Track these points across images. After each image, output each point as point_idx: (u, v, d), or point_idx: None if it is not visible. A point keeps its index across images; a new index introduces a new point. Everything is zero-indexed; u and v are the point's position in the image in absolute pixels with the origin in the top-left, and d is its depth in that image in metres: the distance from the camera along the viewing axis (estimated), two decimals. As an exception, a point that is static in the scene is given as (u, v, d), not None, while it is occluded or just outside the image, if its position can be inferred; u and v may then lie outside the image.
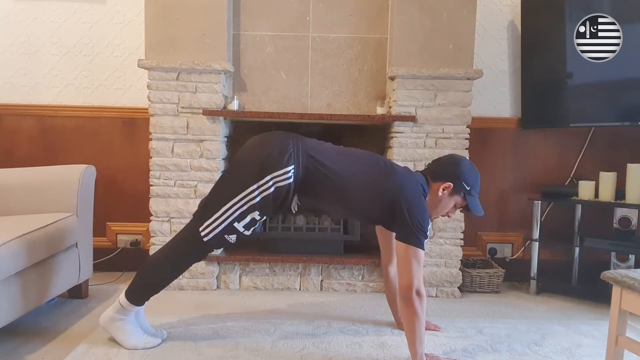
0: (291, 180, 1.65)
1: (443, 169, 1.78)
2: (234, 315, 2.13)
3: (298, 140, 1.71)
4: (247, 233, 1.71)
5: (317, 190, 1.71)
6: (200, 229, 1.68)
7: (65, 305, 2.22)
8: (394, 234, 1.74)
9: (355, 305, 2.33)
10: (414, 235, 1.63)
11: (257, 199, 1.65)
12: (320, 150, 1.72)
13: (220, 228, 1.67)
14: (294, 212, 1.81)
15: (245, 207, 1.66)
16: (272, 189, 1.64)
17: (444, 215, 1.83)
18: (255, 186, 1.64)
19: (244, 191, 1.65)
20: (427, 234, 1.67)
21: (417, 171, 1.84)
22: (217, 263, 2.50)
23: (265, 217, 1.73)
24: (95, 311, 2.14)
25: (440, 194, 1.75)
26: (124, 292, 1.77)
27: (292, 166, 1.65)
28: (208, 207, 1.69)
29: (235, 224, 1.67)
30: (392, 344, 1.87)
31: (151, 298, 1.80)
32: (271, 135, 1.75)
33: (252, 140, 1.77)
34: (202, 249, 1.74)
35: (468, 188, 1.74)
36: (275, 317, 2.12)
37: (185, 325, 2.00)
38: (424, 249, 1.65)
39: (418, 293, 1.62)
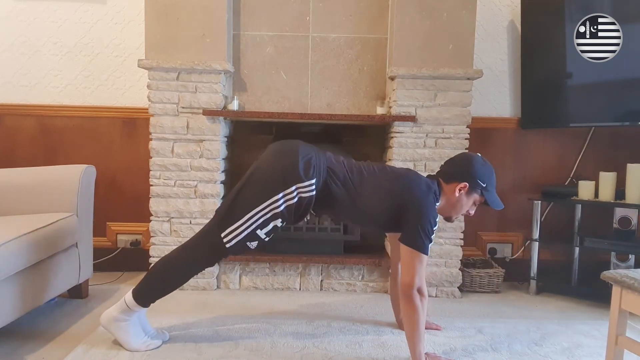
0: (313, 192, 1.68)
1: (456, 169, 1.79)
2: (234, 315, 2.13)
3: (319, 153, 1.75)
4: (267, 239, 1.72)
5: (332, 202, 1.74)
6: (223, 234, 1.67)
7: (65, 305, 2.22)
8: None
9: (355, 305, 2.33)
10: (419, 238, 1.64)
11: (282, 207, 1.66)
12: (336, 164, 1.76)
13: (243, 235, 1.67)
14: (305, 221, 1.82)
15: (269, 215, 1.67)
16: (295, 199, 1.67)
17: (464, 214, 1.84)
18: (281, 195, 1.65)
19: (269, 199, 1.66)
20: (432, 238, 1.67)
21: (428, 175, 1.85)
22: (217, 263, 2.50)
23: (285, 224, 1.74)
24: (95, 311, 2.14)
25: (457, 194, 1.76)
26: (130, 292, 1.75)
27: (315, 179, 1.68)
28: (231, 213, 1.68)
29: (258, 231, 1.68)
30: (392, 344, 1.87)
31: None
32: (294, 144, 1.75)
33: (275, 148, 1.76)
34: (221, 254, 1.74)
35: (484, 185, 1.75)
36: (275, 317, 2.12)
37: (186, 325, 2.00)
38: (427, 254, 1.65)
39: (419, 291, 1.63)
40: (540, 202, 2.63)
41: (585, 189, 2.50)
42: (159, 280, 1.77)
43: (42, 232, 1.88)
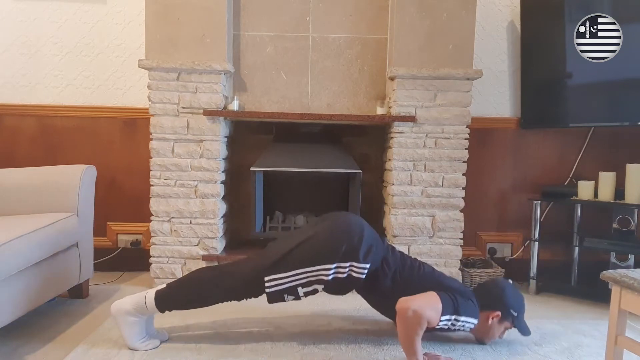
0: (364, 276, 1.72)
1: (490, 299, 1.84)
2: (234, 315, 2.13)
3: (381, 242, 1.83)
4: (303, 299, 1.75)
5: (374, 290, 1.80)
6: (267, 278, 1.70)
7: (65, 305, 2.22)
8: None
9: (355, 305, 2.33)
10: (448, 298, 1.69)
11: (330, 276, 1.70)
12: (392, 257, 1.82)
13: (285, 286, 1.70)
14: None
15: (315, 278, 1.70)
16: (345, 274, 1.70)
17: (493, 339, 1.90)
18: (335, 265, 1.69)
19: (322, 264, 1.69)
20: (454, 315, 1.69)
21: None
22: (217, 263, 2.50)
23: (323, 291, 1.77)
24: (96, 311, 2.15)
25: (490, 322, 1.82)
26: (153, 292, 1.74)
27: (370, 265, 1.72)
28: (283, 261, 1.70)
29: (299, 289, 1.71)
30: (392, 343, 1.87)
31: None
32: (365, 224, 1.80)
33: (347, 219, 1.79)
34: (255, 294, 1.76)
35: (515, 315, 1.83)
36: (275, 317, 2.12)
37: (186, 325, 2.00)
38: (441, 315, 1.65)
39: (415, 313, 1.59)
40: (540, 202, 2.63)
41: (585, 189, 2.51)
42: (189, 294, 1.77)
43: (42, 232, 1.88)
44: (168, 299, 1.74)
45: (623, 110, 2.48)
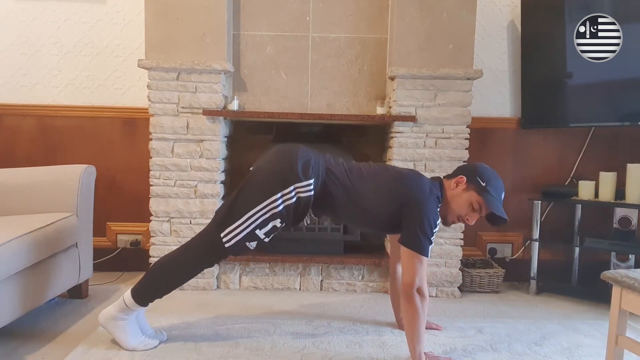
0: (312, 192, 1.69)
1: (459, 168, 1.78)
2: (234, 315, 2.13)
3: (319, 155, 1.77)
4: (267, 240, 1.73)
5: (331, 203, 1.75)
6: (222, 234, 1.68)
7: (65, 305, 2.22)
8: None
9: (355, 305, 2.33)
10: (418, 240, 1.63)
11: (280, 207, 1.67)
12: (335, 165, 1.77)
13: (242, 235, 1.68)
14: (305, 224, 1.83)
15: (267, 215, 1.67)
16: (294, 199, 1.67)
17: (461, 220, 1.76)
18: (279, 194, 1.66)
19: (268, 199, 1.66)
20: (433, 239, 1.66)
21: (431, 177, 1.82)
22: (216, 263, 2.50)
23: (284, 225, 1.73)
24: (95, 311, 2.14)
25: (453, 188, 1.72)
26: (129, 291, 1.75)
27: (313, 179, 1.69)
28: (230, 213, 1.69)
29: (257, 231, 1.69)
30: (392, 343, 1.87)
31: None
32: (294, 147, 1.77)
33: (275, 150, 1.79)
34: (220, 255, 1.75)
35: (483, 184, 1.67)
36: (275, 317, 2.12)
37: (186, 325, 2.00)
38: (427, 256, 1.64)
39: (420, 291, 1.63)
40: (540, 202, 2.63)
41: (585, 189, 2.50)
42: (158, 280, 1.77)
43: (42, 232, 1.88)
44: (143, 292, 1.75)
45: (623, 110, 2.48)
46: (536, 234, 2.64)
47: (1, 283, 1.64)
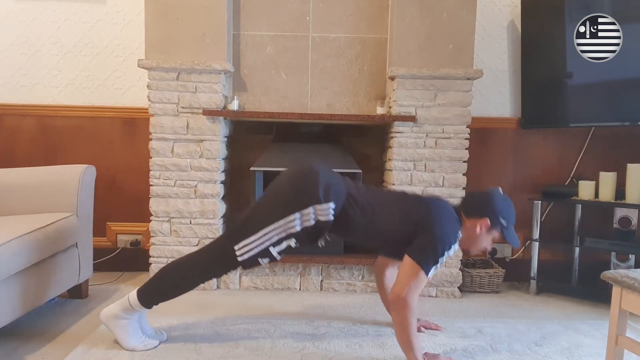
0: (331, 217, 1.66)
1: (478, 205, 1.77)
2: (234, 315, 2.13)
3: (340, 179, 1.75)
4: (279, 258, 1.70)
5: (349, 227, 1.73)
6: (236, 247, 1.66)
7: (65, 305, 2.22)
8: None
9: (355, 305, 2.32)
10: (425, 254, 1.62)
11: (297, 227, 1.65)
12: (355, 190, 1.75)
13: (256, 250, 1.66)
14: (320, 246, 1.82)
15: (284, 234, 1.65)
16: (312, 221, 1.65)
17: (481, 250, 1.83)
18: (298, 214, 1.64)
19: (285, 217, 1.64)
20: (440, 261, 1.64)
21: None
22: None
23: (298, 246, 1.70)
24: (95, 311, 2.14)
25: (478, 231, 1.74)
26: (135, 291, 1.75)
27: (333, 203, 1.66)
28: (246, 226, 1.67)
29: (271, 249, 1.66)
30: (392, 343, 1.86)
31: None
32: (318, 167, 1.73)
33: (296, 169, 1.75)
34: (231, 267, 1.74)
35: (505, 223, 1.74)
36: (275, 317, 2.12)
37: (186, 325, 2.00)
38: (428, 275, 1.62)
39: (407, 302, 1.60)
40: (540, 202, 2.63)
41: (585, 189, 2.50)
42: (166, 284, 1.76)
43: (42, 232, 1.88)
44: (150, 294, 1.75)
45: (623, 110, 2.48)
46: (536, 234, 2.63)
47: (1, 283, 1.64)
